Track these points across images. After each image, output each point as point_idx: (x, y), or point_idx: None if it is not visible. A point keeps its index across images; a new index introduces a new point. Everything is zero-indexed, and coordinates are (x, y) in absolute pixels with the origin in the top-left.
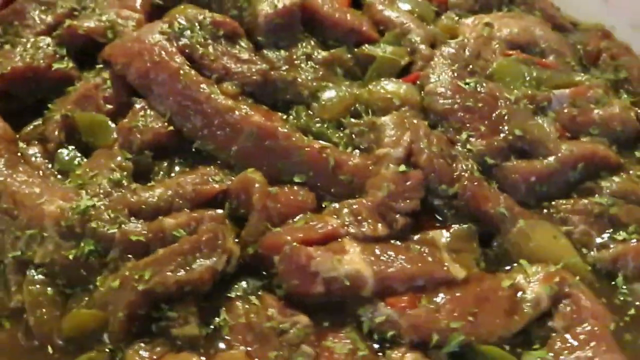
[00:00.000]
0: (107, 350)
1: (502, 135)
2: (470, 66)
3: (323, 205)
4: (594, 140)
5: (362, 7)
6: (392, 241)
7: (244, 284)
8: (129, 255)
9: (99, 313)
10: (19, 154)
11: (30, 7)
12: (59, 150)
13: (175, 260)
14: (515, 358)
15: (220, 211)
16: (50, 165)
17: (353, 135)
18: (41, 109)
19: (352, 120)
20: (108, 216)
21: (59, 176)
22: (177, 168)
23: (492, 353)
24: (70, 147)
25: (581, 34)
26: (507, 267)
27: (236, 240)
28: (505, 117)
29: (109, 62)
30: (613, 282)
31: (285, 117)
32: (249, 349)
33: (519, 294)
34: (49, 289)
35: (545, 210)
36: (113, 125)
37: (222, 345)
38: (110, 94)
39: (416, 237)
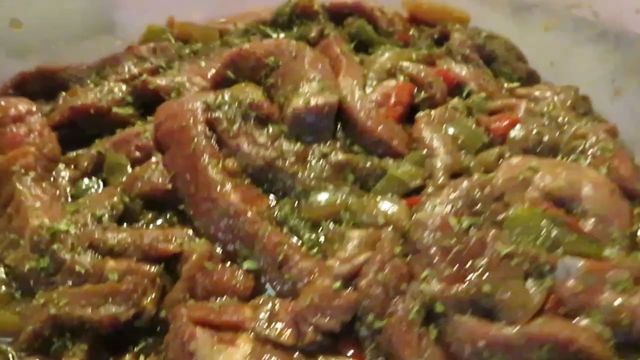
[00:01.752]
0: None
1: (465, 285)
2: (479, 205)
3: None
4: (587, 326)
5: None
6: (297, 354)
7: (150, 340)
8: (69, 282)
9: (16, 320)
10: (53, 172)
11: (126, 57)
12: (83, 179)
13: (90, 298)
14: None
15: (153, 269)
16: (68, 189)
17: (321, 240)
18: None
19: (330, 226)
20: (71, 244)
21: (69, 200)
22: (159, 221)
23: None
24: (94, 179)
25: None
26: None
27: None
28: (480, 269)
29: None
30: None
31: (274, 204)
32: None
33: None
34: (3, 287)
35: None
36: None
37: None
38: (144, 143)
39: (320, 358)
